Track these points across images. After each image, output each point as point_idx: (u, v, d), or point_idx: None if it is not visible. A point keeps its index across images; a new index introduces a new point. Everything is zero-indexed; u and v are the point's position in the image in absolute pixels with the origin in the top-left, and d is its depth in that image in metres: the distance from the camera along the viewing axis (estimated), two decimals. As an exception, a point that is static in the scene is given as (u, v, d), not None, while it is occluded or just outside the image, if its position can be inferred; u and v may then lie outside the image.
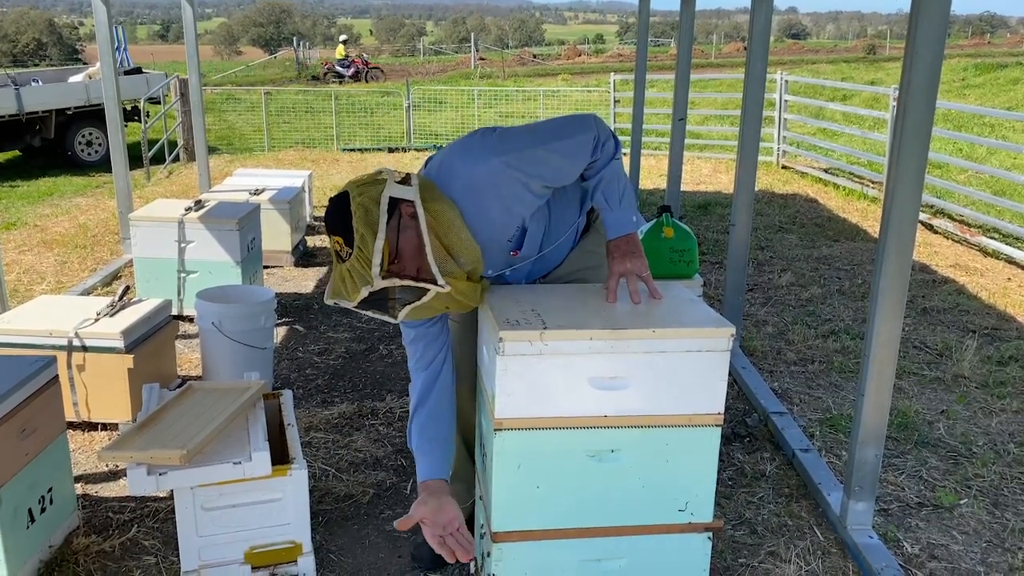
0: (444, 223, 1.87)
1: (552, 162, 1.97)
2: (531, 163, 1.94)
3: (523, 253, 2.11)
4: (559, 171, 2.01)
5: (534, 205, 2.01)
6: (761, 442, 3.28)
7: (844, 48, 44.36)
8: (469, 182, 1.93)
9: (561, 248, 2.23)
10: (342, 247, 1.79)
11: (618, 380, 1.94)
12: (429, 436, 2.11)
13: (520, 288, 2.20)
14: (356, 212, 1.76)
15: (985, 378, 3.92)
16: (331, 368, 3.97)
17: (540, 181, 1.97)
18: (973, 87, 17.35)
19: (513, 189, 1.94)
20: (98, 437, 3.24)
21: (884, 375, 2.49)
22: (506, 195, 1.94)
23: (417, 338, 2.13)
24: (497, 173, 1.91)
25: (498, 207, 1.95)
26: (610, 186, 2.09)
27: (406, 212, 1.80)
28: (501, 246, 2.04)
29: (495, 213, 1.96)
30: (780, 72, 10.15)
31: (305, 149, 11.73)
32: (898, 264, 2.39)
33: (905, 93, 2.32)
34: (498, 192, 1.93)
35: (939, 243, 6.60)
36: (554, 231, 2.17)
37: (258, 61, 37.58)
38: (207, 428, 2.25)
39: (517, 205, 1.97)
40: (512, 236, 2.03)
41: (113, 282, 5.18)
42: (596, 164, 2.08)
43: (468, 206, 1.92)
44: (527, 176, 1.94)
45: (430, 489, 2.05)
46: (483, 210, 1.94)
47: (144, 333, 3.30)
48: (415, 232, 1.81)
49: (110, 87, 5.43)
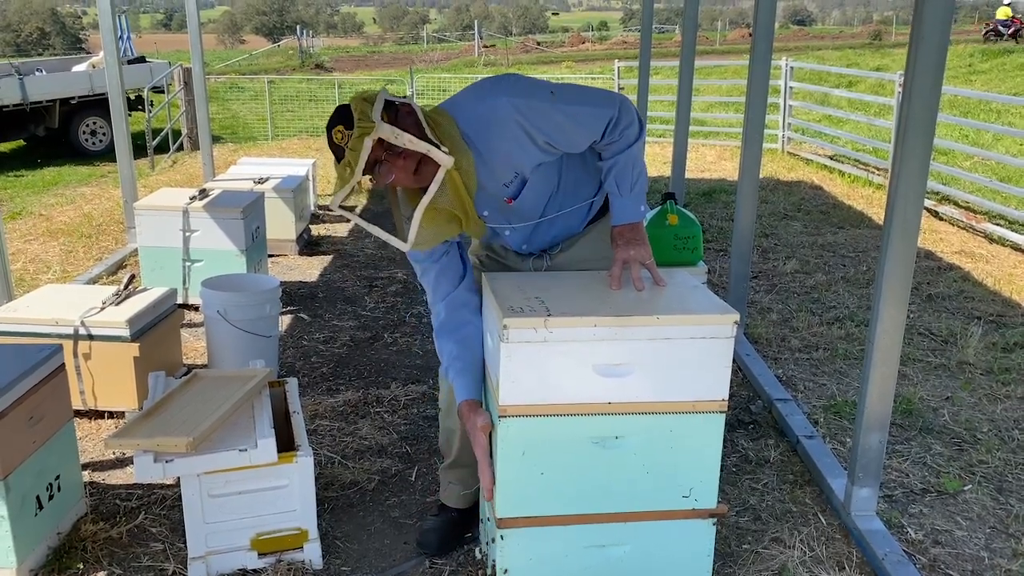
0: (442, 128, 1.92)
1: (559, 122, 1.97)
2: (538, 114, 1.94)
3: (518, 205, 2.08)
4: (564, 134, 2.00)
5: (536, 158, 2.00)
6: (765, 429, 3.29)
7: (850, 34, 44.09)
8: (473, 115, 1.95)
9: (569, 222, 2.21)
10: (343, 135, 1.84)
11: (622, 367, 1.95)
12: (461, 367, 2.15)
13: (524, 275, 2.21)
14: (354, 100, 1.86)
15: (990, 365, 3.92)
16: (336, 356, 3.99)
17: (543, 137, 1.97)
18: (980, 73, 17.23)
19: (515, 132, 1.94)
20: (105, 425, 3.26)
21: (888, 362, 2.49)
22: (508, 137, 1.94)
23: (427, 270, 2.17)
24: (502, 112, 1.92)
25: (498, 147, 1.96)
26: (624, 172, 2.09)
27: (403, 108, 1.90)
28: (496, 189, 2.04)
29: (494, 152, 1.97)
30: (785, 59, 10.09)
31: (309, 138, 11.72)
32: (903, 251, 2.39)
33: (910, 79, 2.31)
34: (500, 132, 1.94)
35: (944, 230, 6.58)
36: (562, 199, 2.15)
37: (261, 50, 37.52)
38: (213, 416, 2.26)
39: (517, 152, 1.97)
40: (509, 182, 2.03)
41: (118, 271, 5.19)
42: (614, 146, 2.08)
43: (468, 136, 1.95)
44: (531, 126, 1.94)
45: (470, 408, 2.11)
46: (483, 144, 1.96)
47: (149, 322, 3.31)
48: (413, 120, 1.89)
49: (114, 76, 5.43)
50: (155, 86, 12.15)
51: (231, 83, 18.71)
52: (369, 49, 41.69)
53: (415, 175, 1.91)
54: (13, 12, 45.11)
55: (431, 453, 3.05)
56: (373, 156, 1.84)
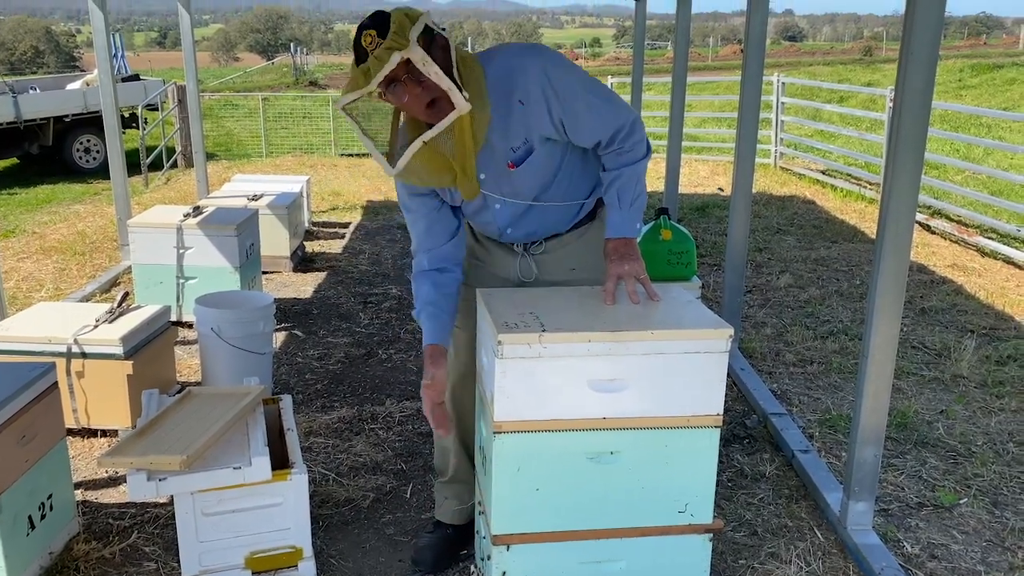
0: (470, 74, 1.89)
1: (579, 108, 1.99)
2: (565, 90, 1.97)
3: (518, 174, 2.06)
4: (579, 120, 2.01)
5: (547, 131, 2.01)
6: (761, 443, 3.28)
7: (840, 50, 44.46)
8: (503, 69, 1.96)
9: (557, 217, 2.19)
10: (373, 40, 1.79)
11: (617, 382, 1.95)
12: (433, 311, 2.15)
13: (518, 291, 2.21)
14: (396, 12, 1.82)
15: (984, 378, 3.93)
16: (330, 373, 3.98)
17: (559, 114, 1.98)
18: (970, 88, 17.39)
19: (537, 97, 1.95)
20: (98, 443, 3.24)
21: (883, 376, 2.50)
22: (530, 99, 1.96)
23: (417, 220, 2.16)
24: (532, 74, 1.95)
25: (517, 108, 1.97)
26: (627, 186, 2.10)
27: (440, 40, 1.86)
28: (504, 150, 2.03)
29: (512, 111, 1.97)
30: (777, 74, 10.17)
31: (303, 154, 11.74)
32: (895, 265, 2.40)
33: (901, 95, 2.33)
34: (525, 92, 1.95)
35: (937, 243, 6.61)
36: (555, 190, 2.15)
37: (256, 67, 37.63)
38: (207, 433, 2.25)
39: (534, 117, 1.98)
40: (517, 147, 2.02)
41: (112, 288, 5.18)
42: (620, 158, 2.09)
43: (493, 87, 1.94)
44: (554, 98, 1.96)
45: (432, 356, 2.11)
46: (504, 100, 1.96)
47: (143, 339, 3.30)
48: (445, 56, 1.84)
49: (108, 94, 5.44)
50: (149, 104, 12.18)
51: (225, 100, 18.75)
52: (363, 66, 41.71)
53: (427, 108, 1.86)
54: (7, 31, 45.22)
55: (426, 470, 3.04)
56: (394, 73, 1.79)
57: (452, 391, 2.38)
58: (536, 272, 2.26)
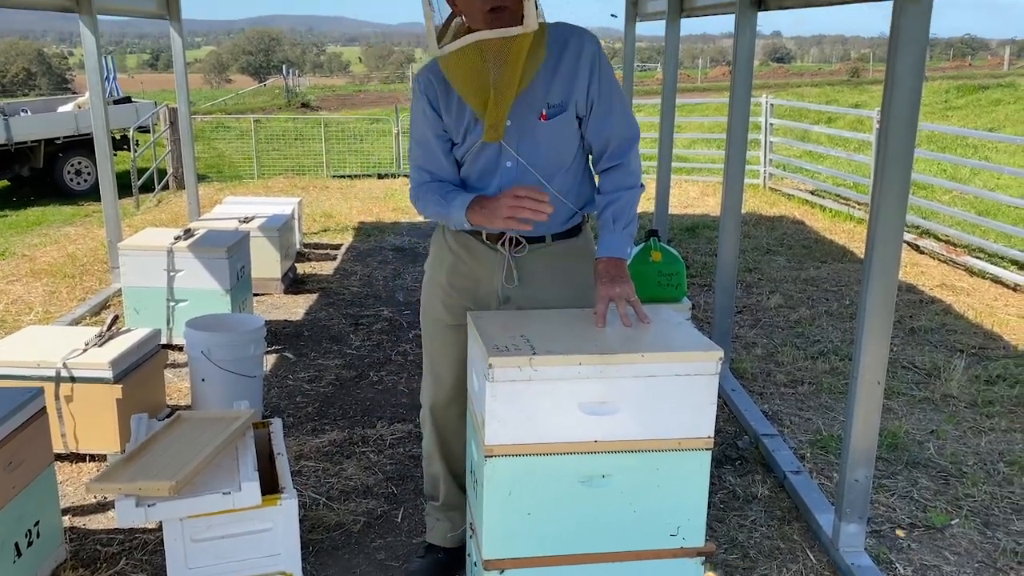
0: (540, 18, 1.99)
1: (613, 94, 2.12)
2: (607, 74, 2.10)
3: (544, 128, 2.10)
4: (608, 105, 2.12)
5: (582, 102, 2.10)
6: (752, 464, 3.28)
7: (828, 71, 44.93)
8: (565, 28, 2.09)
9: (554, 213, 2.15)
10: None
11: (608, 405, 1.95)
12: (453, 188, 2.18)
13: (509, 314, 2.21)
14: None
15: (974, 397, 3.94)
16: (321, 396, 3.96)
17: (596, 91, 2.09)
18: (956, 108, 17.58)
19: (585, 63, 2.06)
20: (86, 468, 3.21)
21: (872, 396, 2.51)
22: (580, 64, 2.06)
23: (426, 139, 2.17)
24: (587, 43, 2.08)
25: (565, 66, 2.07)
26: (623, 210, 2.14)
27: None
28: (540, 100, 2.08)
29: (562, 65, 2.07)
30: (766, 96, 10.26)
31: (295, 176, 11.75)
32: (883, 286, 2.42)
33: (886, 121, 2.35)
34: (576, 52, 2.06)
35: (926, 263, 6.65)
36: (563, 180, 2.17)
37: (248, 89, 37.76)
38: (196, 458, 2.24)
39: (578, 81, 2.08)
40: (554, 103, 2.09)
41: (102, 311, 5.16)
42: (620, 179, 2.15)
43: (551, 38, 2.05)
44: (599, 73, 2.08)
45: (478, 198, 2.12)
46: (555, 52, 2.06)
47: (133, 363, 3.29)
48: None
49: (99, 117, 5.44)
50: (141, 126, 12.19)
51: (217, 123, 18.79)
52: (355, 88, 42.06)
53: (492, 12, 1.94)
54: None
55: (417, 493, 3.03)
56: None
57: (437, 415, 2.38)
58: (517, 280, 2.23)
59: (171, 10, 6.46)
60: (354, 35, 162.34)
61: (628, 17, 6.43)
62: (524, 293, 2.24)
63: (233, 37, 74.98)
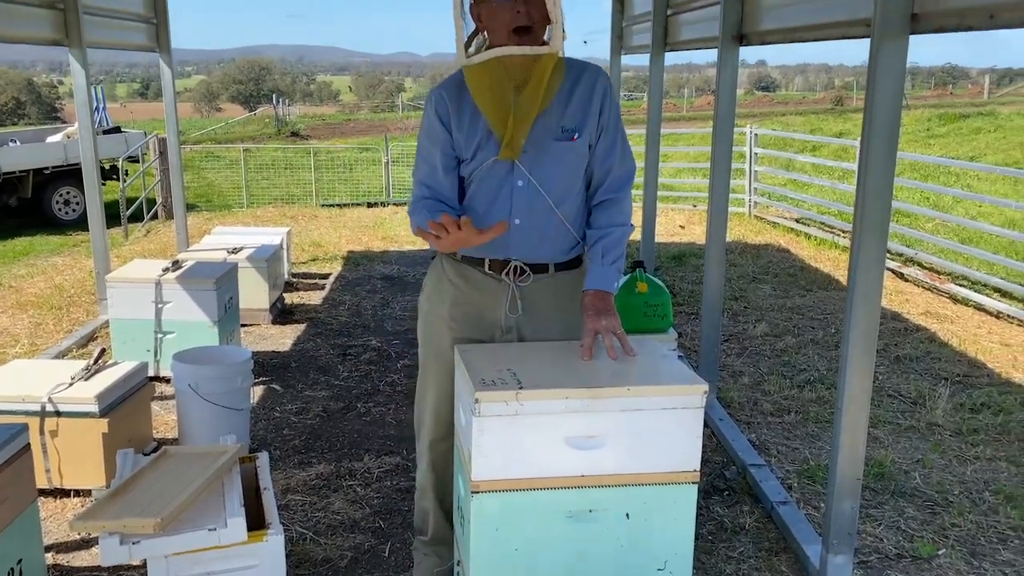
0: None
1: (617, 127, 2.20)
2: (614, 107, 2.19)
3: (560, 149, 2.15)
4: (611, 136, 2.19)
5: (592, 131, 2.16)
6: (740, 495, 3.29)
7: (813, 99, 45.48)
8: (578, 61, 2.19)
9: (557, 240, 2.21)
10: None
11: (595, 439, 1.96)
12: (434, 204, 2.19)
13: (496, 347, 2.22)
14: None
15: (959, 426, 3.97)
16: (308, 428, 3.95)
17: (604, 121, 2.17)
18: (938, 137, 17.81)
19: (597, 93, 2.15)
20: (71, 504, 3.19)
21: (857, 427, 2.53)
22: (592, 94, 2.14)
23: (433, 153, 2.20)
24: (601, 77, 2.18)
25: (580, 94, 2.15)
26: (612, 245, 2.18)
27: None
28: (556, 123, 2.14)
29: (575, 92, 2.14)
30: (750, 125, 10.39)
31: (284, 205, 11.77)
32: (866, 317, 2.45)
33: (866, 152, 2.40)
34: (589, 84, 2.15)
35: (910, 291, 6.71)
36: (570, 206, 2.21)
37: (238, 118, 37.88)
38: (182, 494, 2.22)
39: (591, 107, 2.15)
40: (569, 126, 2.15)
41: (89, 344, 5.13)
42: (615, 218, 2.19)
43: (568, 66, 2.15)
44: (608, 105, 2.16)
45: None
46: (571, 80, 2.14)
47: (119, 396, 3.27)
48: None
49: (88, 149, 5.46)
50: (130, 156, 12.21)
51: (207, 152, 18.83)
52: (345, 117, 42.24)
53: (516, 33, 2.04)
54: (-12, 82, 45.33)
55: (405, 527, 3.01)
56: None
57: (435, 449, 2.38)
58: (521, 309, 2.23)
59: (160, 43, 6.51)
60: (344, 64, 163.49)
61: (613, 50, 6.53)
62: (528, 323, 2.24)
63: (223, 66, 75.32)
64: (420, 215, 2.16)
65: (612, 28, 6.53)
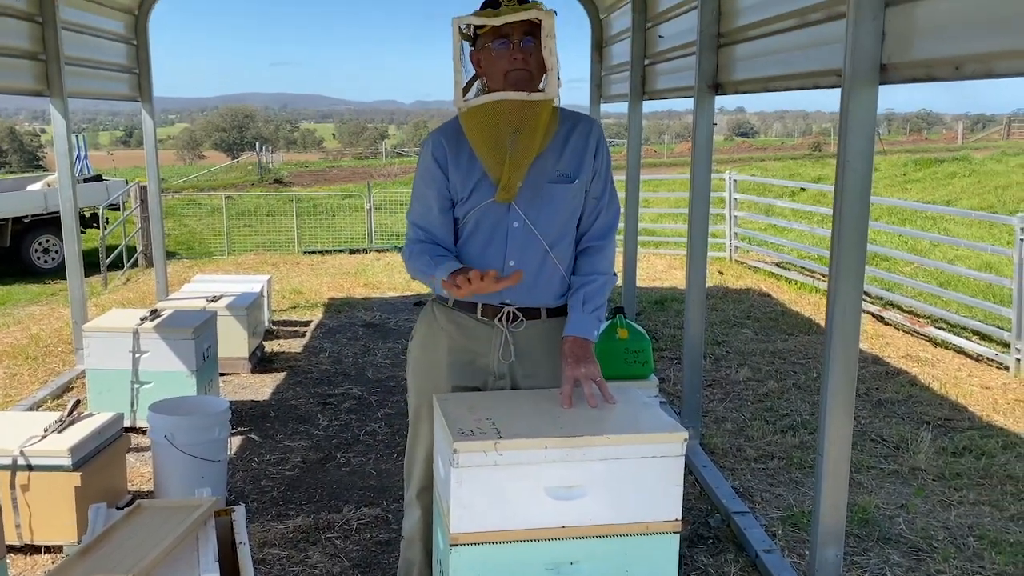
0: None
1: (608, 175, 2.26)
2: (606, 155, 2.24)
3: (555, 191, 2.18)
4: (602, 183, 2.24)
5: (586, 177, 2.20)
6: (724, 543, 3.25)
7: (791, 145, 46.22)
8: (572, 112, 2.24)
9: (550, 283, 2.21)
10: None
11: (575, 489, 1.94)
12: (443, 252, 2.20)
13: (475, 396, 2.20)
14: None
15: (941, 470, 3.97)
16: (287, 479, 3.88)
17: (597, 167, 2.22)
18: (914, 181, 18.12)
19: (590, 143, 2.20)
20: (41, 561, 3.10)
21: (839, 474, 2.52)
22: (587, 142, 2.20)
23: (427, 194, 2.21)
24: (595, 125, 2.24)
25: (575, 141, 2.19)
26: (594, 294, 2.20)
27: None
28: (551, 168, 2.17)
29: (570, 139, 2.19)
30: (729, 171, 10.53)
31: (265, 252, 11.76)
32: (844, 364, 2.46)
33: (839, 201, 2.43)
34: (584, 132, 2.21)
35: (891, 334, 6.76)
36: (564, 249, 2.23)
37: (221, 165, 37.97)
38: (154, 551, 2.17)
39: (586, 154, 2.20)
40: (565, 171, 2.18)
41: (64, 394, 5.05)
42: (598, 266, 2.22)
43: (563, 115, 2.19)
44: (601, 153, 2.22)
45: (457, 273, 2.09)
46: (567, 128, 2.19)
47: (93, 449, 3.21)
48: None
49: (67, 199, 5.44)
50: (111, 204, 12.18)
51: (188, 199, 18.83)
52: (328, 164, 42.44)
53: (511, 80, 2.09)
54: (-30, 131, 45.29)
55: (384, 580, 2.95)
56: (518, 27, 2.07)
57: (421, 499, 2.35)
58: (513, 355, 2.22)
59: (142, 92, 6.55)
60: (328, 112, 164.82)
61: (592, 99, 6.64)
62: (520, 369, 2.24)
63: (207, 114, 75.71)
64: (421, 259, 2.18)
65: (591, 77, 6.64)
